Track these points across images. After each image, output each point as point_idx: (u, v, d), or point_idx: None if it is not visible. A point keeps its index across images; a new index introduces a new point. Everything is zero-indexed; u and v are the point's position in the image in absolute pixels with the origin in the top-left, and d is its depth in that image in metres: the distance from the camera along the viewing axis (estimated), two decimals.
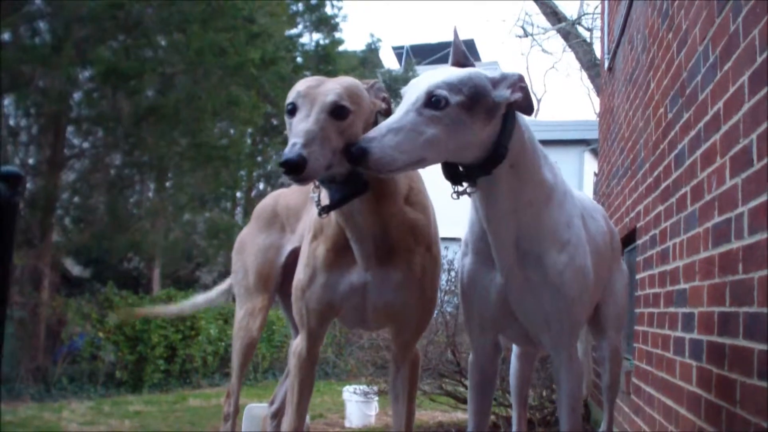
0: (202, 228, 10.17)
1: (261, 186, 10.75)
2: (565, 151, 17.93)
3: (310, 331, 2.20)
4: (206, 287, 13.28)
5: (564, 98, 54.88)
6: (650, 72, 3.92)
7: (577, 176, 18.19)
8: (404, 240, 2.05)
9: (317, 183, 1.90)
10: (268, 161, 10.23)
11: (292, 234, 2.71)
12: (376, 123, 1.91)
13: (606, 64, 6.39)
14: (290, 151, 1.60)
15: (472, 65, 1.83)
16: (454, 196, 1.79)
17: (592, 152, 19.37)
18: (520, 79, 1.72)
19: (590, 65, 11.70)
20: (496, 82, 1.70)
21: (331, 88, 1.77)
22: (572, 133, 18.60)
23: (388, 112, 1.94)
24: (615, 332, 2.70)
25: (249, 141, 10.16)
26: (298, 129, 1.67)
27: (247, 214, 10.45)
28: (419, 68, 14.80)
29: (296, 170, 1.59)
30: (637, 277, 4.07)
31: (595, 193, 19.71)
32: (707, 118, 2.61)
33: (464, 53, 1.84)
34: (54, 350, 8.84)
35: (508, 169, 1.76)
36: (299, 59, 10.13)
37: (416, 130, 1.57)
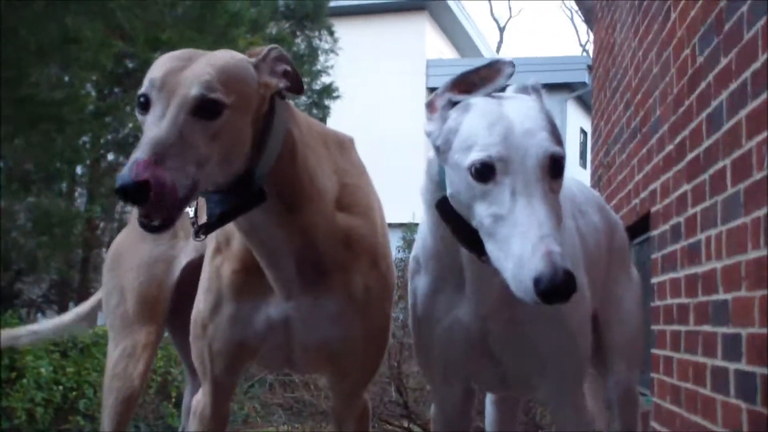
0: (26, 220, 9.87)
1: (111, 157, 10.51)
2: None
3: (215, 381, 2.21)
4: (32, 305, 13.01)
5: (538, 26, 55.81)
6: None
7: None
8: (338, 256, 2.08)
9: None
10: (123, 121, 9.99)
11: (186, 241, 2.67)
12: (272, 111, 1.90)
13: None
14: (128, 172, 1.57)
15: None
16: None
17: (579, 101, 19.75)
18: None
19: None
20: None
21: (197, 74, 1.75)
22: (549, 75, 18.79)
23: (295, 90, 1.94)
24: (626, 365, 2.76)
25: (94, 93, 9.90)
26: (146, 138, 1.65)
27: (93, 198, 10.19)
28: None
29: (137, 200, 1.58)
30: (654, 280, 4.18)
31: (582, 159, 20.17)
32: (756, 65, 2.69)
33: None
34: None
35: None
36: None
37: None
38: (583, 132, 19.73)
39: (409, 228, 11.62)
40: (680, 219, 3.65)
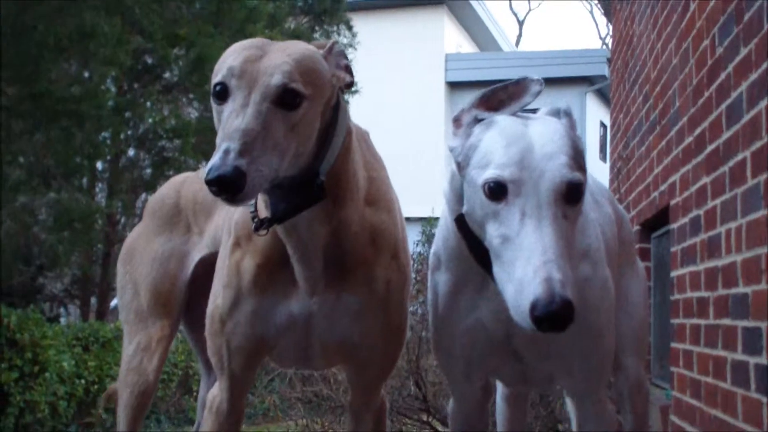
0: (47, 215, 9.92)
1: (132, 153, 10.52)
2: (560, 93, 18.16)
3: (232, 376, 2.20)
4: (54, 300, 13.08)
5: (557, 19, 55.60)
6: None
7: (578, 128, 18.44)
8: (364, 252, 2.08)
9: None
10: (142, 117, 10.01)
11: (200, 237, 2.67)
12: (338, 105, 1.92)
13: None
14: (221, 161, 1.59)
15: None
16: None
17: (598, 94, 19.67)
18: None
19: None
20: None
21: (277, 63, 1.75)
22: (569, 69, 18.81)
23: (350, 86, 1.94)
24: (635, 358, 2.75)
25: (113, 89, 9.93)
26: (232, 127, 1.66)
27: (113, 193, 10.22)
28: None
29: (232, 189, 1.59)
30: (673, 274, 4.14)
31: (602, 152, 20.08)
32: None
33: None
34: None
35: None
36: None
37: None
38: (603, 125, 19.69)
39: (429, 222, 11.61)
40: (700, 212, 3.61)
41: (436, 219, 2.35)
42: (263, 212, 1.94)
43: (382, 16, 19.16)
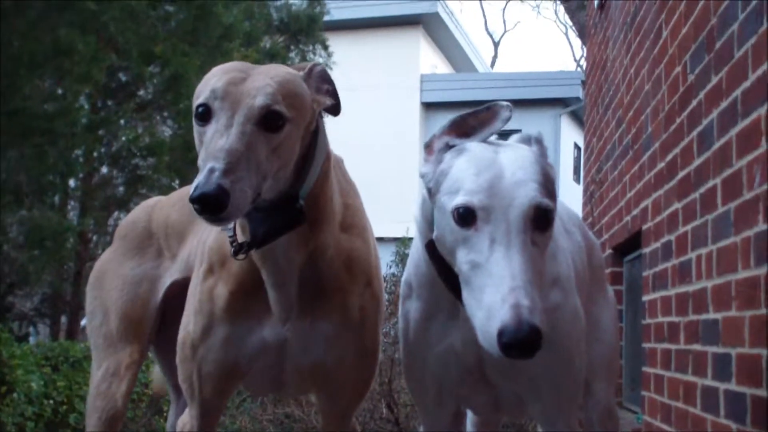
0: (18, 233, 9.84)
1: (105, 170, 10.47)
2: (534, 115, 18.31)
3: (203, 404, 2.18)
4: (24, 318, 12.94)
5: (532, 41, 55.93)
6: (662, 15, 4.00)
7: (551, 149, 18.46)
8: (338, 278, 2.08)
9: None
10: (116, 135, 9.97)
11: (172, 261, 2.66)
12: (317, 130, 1.92)
13: (596, 0, 6.50)
14: (206, 180, 1.59)
15: None
16: None
17: (573, 116, 19.77)
18: None
19: None
20: None
21: (260, 85, 1.76)
22: (543, 90, 18.92)
23: (334, 110, 1.95)
24: (605, 384, 2.76)
25: (87, 106, 9.88)
26: (216, 147, 1.66)
27: (85, 211, 10.15)
28: (331, 2, 14.72)
29: (216, 208, 1.59)
30: (645, 298, 4.17)
31: (576, 174, 20.14)
32: (746, 84, 2.68)
33: None
34: None
35: None
36: None
37: None
38: (577, 147, 19.78)
39: (403, 242, 11.60)
40: (671, 237, 3.64)
41: (410, 239, 2.36)
42: (241, 237, 1.94)
43: (358, 36, 19.18)
